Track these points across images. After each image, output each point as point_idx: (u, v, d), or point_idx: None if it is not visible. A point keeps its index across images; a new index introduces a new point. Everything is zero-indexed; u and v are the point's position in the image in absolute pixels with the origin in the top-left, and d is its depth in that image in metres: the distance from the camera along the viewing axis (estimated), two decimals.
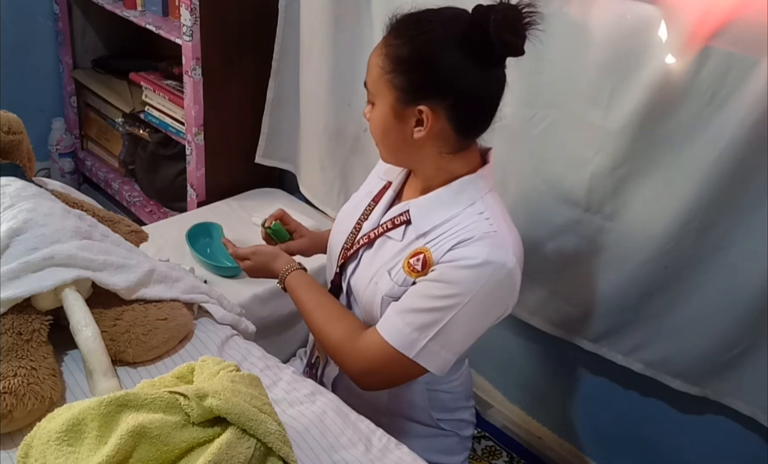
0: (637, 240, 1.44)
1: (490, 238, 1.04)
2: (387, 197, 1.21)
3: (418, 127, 1.05)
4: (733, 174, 1.28)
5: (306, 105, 2.03)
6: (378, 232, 1.16)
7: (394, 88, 1.04)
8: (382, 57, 1.05)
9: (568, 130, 1.49)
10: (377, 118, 1.08)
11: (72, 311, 1.02)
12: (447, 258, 1.05)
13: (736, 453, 1.50)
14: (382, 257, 1.14)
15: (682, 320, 1.44)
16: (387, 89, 1.05)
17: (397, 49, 1.03)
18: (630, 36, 1.34)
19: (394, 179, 1.23)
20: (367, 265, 1.16)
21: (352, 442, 1.00)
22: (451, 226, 1.07)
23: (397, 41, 1.04)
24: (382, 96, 1.06)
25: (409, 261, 1.09)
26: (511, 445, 1.90)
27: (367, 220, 1.20)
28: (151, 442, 0.78)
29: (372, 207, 1.22)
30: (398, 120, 1.06)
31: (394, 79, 1.04)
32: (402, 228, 1.13)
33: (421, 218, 1.11)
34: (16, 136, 1.24)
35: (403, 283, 1.09)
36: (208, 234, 1.90)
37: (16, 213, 1.08)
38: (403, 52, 1.03)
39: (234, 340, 1.18)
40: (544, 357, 1.81)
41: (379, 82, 1.06)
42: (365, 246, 1.17)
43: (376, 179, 1.28)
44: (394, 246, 1.13)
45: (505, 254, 1.04)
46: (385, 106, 1.06)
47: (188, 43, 1.96)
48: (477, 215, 1.07)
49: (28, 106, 2.11)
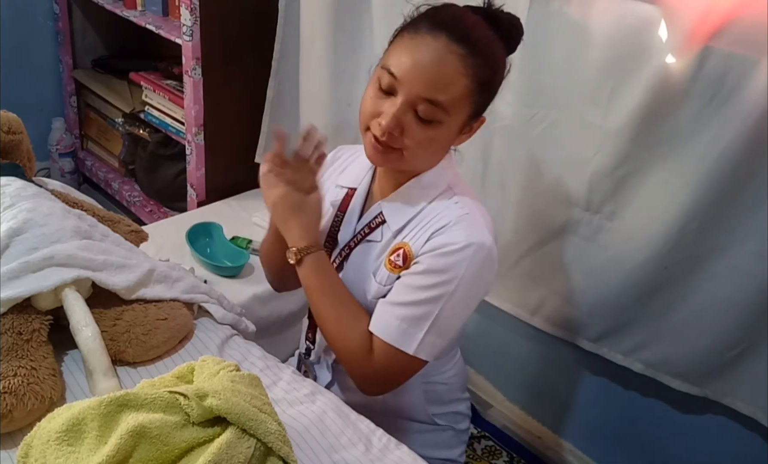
0: (637, 241, 1.44)
1: (464, 221, 1.05)
2: (356, 204, 1.18)
3: (465, 135, 1.08)
4: (733, 174, 1.28)
5: (306, 105, 2.03)
6: (357, 240, 1.15)
7: (473, 105, 1.02)
8: (468, 77, 0.99)
9: (568, 130, 1.49)
10: (443, 136, 1.03)
11: (72, 311, 1.02)
12: (427, 248, 1.05)
13: (736, 453, 1.50)
14: (365, 263, 1.13)
15: (682, 320, 1.44)
16: (468, 108, 1.02)
17: (481, 71, 0.99)
18: (630, 36, 1.34)
19: (358, 184, 1.20)
20: (352, 275, 1.14)
21: (352, 442, 1.00)
22: (424, 217, 1.08)
23: (479, 61, 0.99)
24: (458, 115, 1.02)
25: (389, 259, 1.09)
26: (511, 445, 1.90)
27: (341, 231, 1.18)
28: (151, 442, 0.78)
29: (341, 217, 1.19)
30: (459, 133, 1.06)
31: (478, 99, 1.02)
32: (379, 229, 1.13)
33: (395, 215, 1.11)
34: (16, 136, 1.24)
35: (387, 282, 1.09)
36: (208, 234, 1.90)
37: (16, 213, 1.08)
38: (488, 74, 1.01)
39: (234, 340, 1.18)
40: (544, 357, 1.80)
41: (462, 103, 1.01)
42: (346, 257, 1.16)
43: (334, 189, 1.23)
44: (372, 248, 1.13)
45: (482, 233, 1.05)
46: (456, 123, 1.03)
47: (188, 42, 1.96)
48: (446, 201, 1.09)
49: (28, 106, 2.10)
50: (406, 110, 0.99)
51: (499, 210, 1.65)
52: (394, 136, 1.01)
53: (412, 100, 0.99)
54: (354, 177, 1.21)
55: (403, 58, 0.99)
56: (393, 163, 1.07)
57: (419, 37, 0.99)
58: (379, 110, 1.01)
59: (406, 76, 0.98)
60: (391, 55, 1.01)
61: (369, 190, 1.19)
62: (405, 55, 0.99)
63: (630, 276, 1.48)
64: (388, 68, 1.00)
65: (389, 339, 1.05)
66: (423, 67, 0.97)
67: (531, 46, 1.48)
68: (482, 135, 1.63)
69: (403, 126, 1.00)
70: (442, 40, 0.97)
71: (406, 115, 1.00)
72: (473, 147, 1.65)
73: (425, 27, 0.99)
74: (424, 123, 1.00)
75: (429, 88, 0.98)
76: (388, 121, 0.99)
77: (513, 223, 1.64)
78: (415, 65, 0.98)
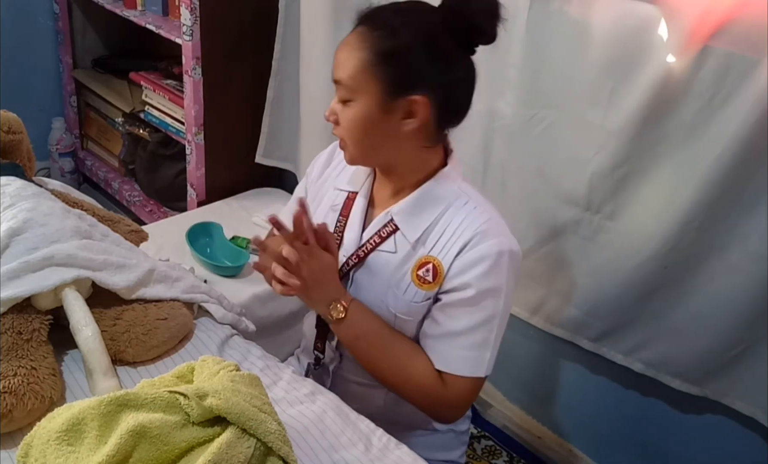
0: (637, 240, 1.44)
1: (490, 228, 1.06)
2: (359, 208, 1.16)
3: (407, 119, 1.03)
4: (733, 174, 1.28)
5: (306, 104, 2.03)
6: (367, 249, 1.13)
7: (381, 81, 1.01)
8: (364, 50, 1.01)
9: (568, 130, 1.49)
10: (358, 114, 1.03)
11: (72, 311, 1.02)
12: (461, 265, 1.05)
13: (736, 453, 1.50)
14: (381, 274, 1.11)
15: (682, 320, 1.44)
16: (373, 82, 1.01)
17: (381, 41, 1.00)
18: (630, 36, 1.34)
19: (359, 187, 1.18)
20: (366, 286, 1.13)
21: (352, 442, 1.00)
22: (445, 227, 1.08)
23: (378, 32, 1.01)
24: (366, 90, 1.02)
25: (417, 274, 1.08)
26: (511, 445, 1.90)
27: (345, 238, 1.16)
28: (151, 442, 0.78)
29: (343, 222, 1.17)
30: (385, 114, 1.03)
31: (381, 71, 1.00)
32: (391, 238, 1.11)
33: (408, 223, 1.09)
34: (16, 136, 1.24)
35: (418, 298, 1.08)
36: (208, 234, 1.90)
37: (16, 212, 1.08)
38: (389, 43, 1.00)
39: (234, 340, 1.18)
40: (544, 357, 1.80)
41: (361, 76, 1.01)
42: (355, 267, 1.14)
43: (333, 192, 1.22)
44: (389, 259, 1.11)
45: (508, 237, 1.07)
46: (369, 100, 1.02)
47: (188, 42, 1.96)
48: (464, 206, 1.08)
49: (28, 106, 2.11)
50: (338, 99, 1.06)
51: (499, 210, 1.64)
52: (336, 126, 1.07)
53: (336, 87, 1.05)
54: (354, 180, 1.19)
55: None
56: (351, 158, 1.10)
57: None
58: None
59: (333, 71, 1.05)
60: None
61: (371, 195, 1.18)
62: None
63: (630, 276, 1.48)
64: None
65: (463, 372, 1.07)
66: (335, 54, 1.05)
67: (531, 45, 1.49)
68: (482, 135, 1.64)
69: (337, 114, 1.06)
70: (356, 30, 1.04)
71: (338, 104, 1.06)
72: (473, 147, 1.65)
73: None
74: (343, 106, 1.05)
75: (335, 69, 1.04)
76: (327, 111, 1.07)
77: (513, 222, 1.63)
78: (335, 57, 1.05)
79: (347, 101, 1.04)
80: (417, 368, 1.09)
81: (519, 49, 1.50)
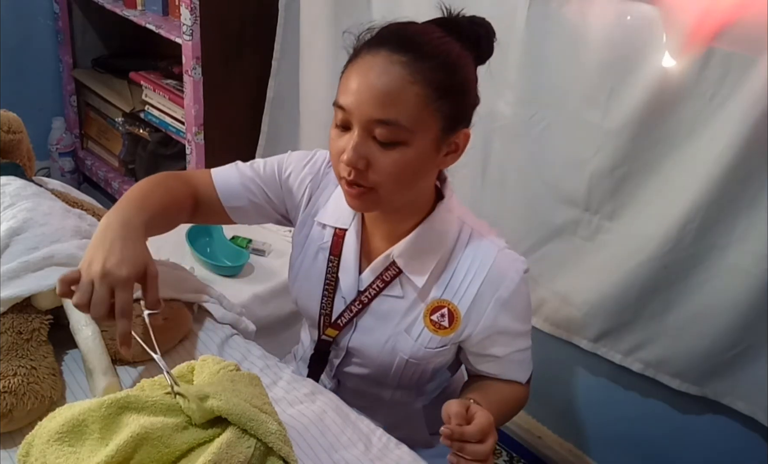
0: (637, 241, 1.45)
1: (502, 261, 1.04)
2: (351, 248, 1.08)
3: (451, 154, 0.97)
4: (733, 174, 1.28)
5: (306, 104, 2.03)
6: (371, 295, 1.07)
7: (441, 118, 0.91)
8: (418, 84, 0.88)
9: (567, 130, 1.49)
10: (412, 158, 0.91)
11: (72, 310, 1.01)
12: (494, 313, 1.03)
13: (736, 453, 1.50)
14: (389, 320, 1.07)
15: (682, 320, 1.44)
16: (432, 120, 0.91)
17: (433, 74, 0.89)
18: (629, 36, 1.35)
19: (348, 225, 1.08)
20: (372, 331, 1.08)
21: (352, 442, 1.00)
22: (455, 266, 1.03)
23: (426, 64, 0.89)
24: (424, 130, 0.90)
25: (431, 319, 1.04)
26: (511, 445, 1.90)
27: (341, 281, 1.09)
28: (152, 444, 0.77)
29: (335, 263, 1.09)
30: (436, 153, 0.94)
31: (442, 107, 0.90)
32: (396, 282, 1.05)
33: (413, 266, 1.03)
34: (16, 135, 1.24)
35: (432, 344, 1.05)
36: (208, 233, 1.90)
37: (16, 212, 1.08)
38: (443, 78, 0.90)
39: (234, 340, 1.18)
40: (544, 357, 1.80)
41: (423, 114, 0.89)
42: (359, 312, 1.08)
43: (316, 227, 1.12)
44: (396, 304, 1.06)
45: (516, 258, 1.06)
46: (425, 141, 0.91)
47: (188, 42, 1.96)
48: (470, 242, 1.04)
49: (28, 106, 2.10)
50: (364, 139, 0.90)
51: (499, 210, 1.65)
52: (360, 171, 0.91)
53: (365, 125, 0.90)
54: (339, 215, 1.09)
55: (348, 86, 0.91)
56: (374, 206, 0.97)
57: (359, 60, 0.92)
58: (342, 148, 0.92)
59: (353, 104, 0.90)
60: (339, 90, 0.94)
61: (362, 231, 1.08)
62: (349, 83, 0.92)
63: (630, 276, 1.48)
64: (337, 103, 0.93)
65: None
66: (367, 87, 0.89)
67: (530, 46, 1.49)
68: (482, 135, 1.64)
69: (367, 158, 0.91)
70: (382, 54, 0.90)
71: (367, 145, 0.90)
72: (473, 147, 1.64)
73: (365, 50, 0.93)
74: (387, 148, 0.90)
75: (378, 107, 0.88)
76: (349, 155, 0.90)
77: (512, 223, 1.64)
78: (359, 88, 0.90)
79: (393, 144, 0.90)
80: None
81: (518, 50, 1.50)
